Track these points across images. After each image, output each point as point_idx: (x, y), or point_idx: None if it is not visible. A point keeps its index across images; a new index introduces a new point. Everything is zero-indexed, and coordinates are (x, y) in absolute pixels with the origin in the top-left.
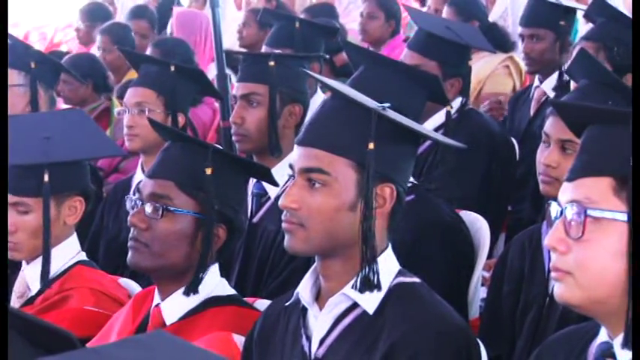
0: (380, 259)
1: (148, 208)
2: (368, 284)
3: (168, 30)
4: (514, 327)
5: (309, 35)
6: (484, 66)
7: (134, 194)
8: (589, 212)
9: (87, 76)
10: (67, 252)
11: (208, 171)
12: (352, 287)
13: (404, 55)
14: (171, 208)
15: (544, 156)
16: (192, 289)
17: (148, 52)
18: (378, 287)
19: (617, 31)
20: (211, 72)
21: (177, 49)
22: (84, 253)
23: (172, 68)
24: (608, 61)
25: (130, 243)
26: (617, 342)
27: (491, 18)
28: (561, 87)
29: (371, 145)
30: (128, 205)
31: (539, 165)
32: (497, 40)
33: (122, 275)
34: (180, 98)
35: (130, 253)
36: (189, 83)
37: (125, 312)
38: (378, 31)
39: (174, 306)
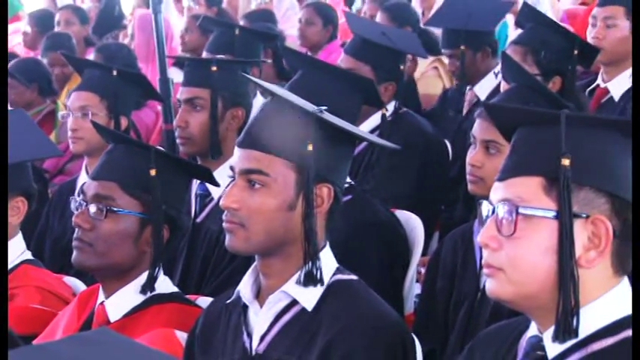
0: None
1: (92, 209)
2: (311, 279)
3: (129, 32)
4: (447, 322)
5: (248, 41)
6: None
7: (78, 195)
8: (520, 210)
9: (32, 80)
10: (12, 251)
11: (152, 172)
12: (296, 282)
13: (340, 59)
14: (115, 209)
15: (469, 156)
16: (148, 287)
17: (92, 57)
18: (321, 282)
19: (545, 35)
20: (173, 75)
21: (119, 54)
22: (29, 253)
23: (115, 72)
24: (535, 64)
25: (74, 243)
26: (547, 336)
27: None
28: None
29: (310, 147)
30: (73, 206)
31: (467, 165)
32: (428, 45)
33: (67, 274)
34: (123, 102)
35: (74, 253)
36: (131, 87)
37: (70, 310)
38: (316, 37)
39: (118, 303)
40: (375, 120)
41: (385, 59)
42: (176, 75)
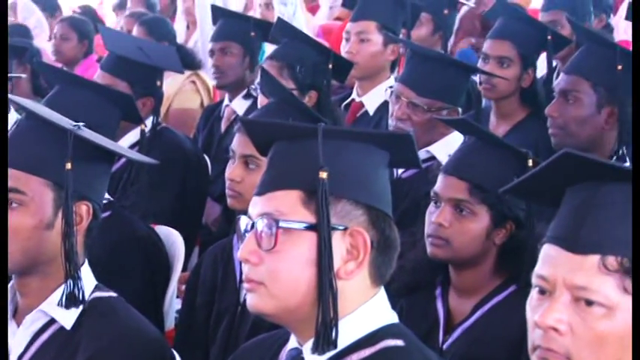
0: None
1: None
2: (73, 300)
3: None
4: (208, 337)
5: None
6: (171, 83)
7: None
8: (280, 224)
9: None
10: None
11: None
12: (57, 304)
13: (97, 75)
14: None
15: (228, 171)
16: None
17: None
18: (83, 303)
19: (300, 50)
20: None
21: None
22: None
23: None
24: (291, 78)
25: None
26: (307, 348)
27: (190, 43)
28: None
29: (68, 165)
30: None
31: (226, 180)
32: (184, 60)
33: None
34: None
35: None
36: None
37: None
38: (71, 52)
39: None
40: (134, 135)
41: (142, 75)
42: None
